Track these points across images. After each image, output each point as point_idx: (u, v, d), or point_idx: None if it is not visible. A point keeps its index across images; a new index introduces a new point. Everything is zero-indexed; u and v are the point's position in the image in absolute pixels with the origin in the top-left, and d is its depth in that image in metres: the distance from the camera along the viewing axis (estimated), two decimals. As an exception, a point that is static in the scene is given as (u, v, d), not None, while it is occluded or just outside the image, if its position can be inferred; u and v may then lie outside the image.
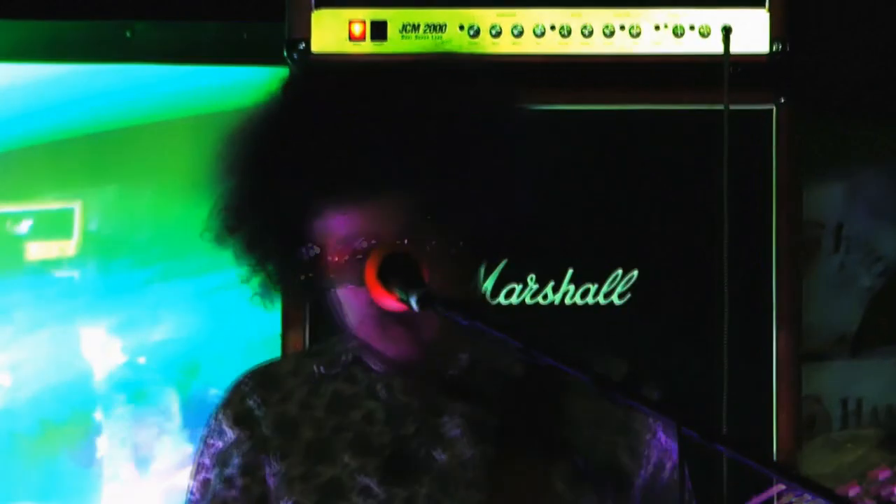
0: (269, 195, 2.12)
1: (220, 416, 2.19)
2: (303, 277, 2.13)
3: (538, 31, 3.18)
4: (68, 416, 3.46)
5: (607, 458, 2.15)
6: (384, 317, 2.06)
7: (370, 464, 2.09)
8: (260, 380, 2.19)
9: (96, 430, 3.47)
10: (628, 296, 3.19)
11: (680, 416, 1.87)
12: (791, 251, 3.21)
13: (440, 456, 2.10)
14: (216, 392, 2.46)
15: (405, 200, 2.08)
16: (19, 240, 3.49)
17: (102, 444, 3.46)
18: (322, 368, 2.17)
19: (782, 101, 3.20)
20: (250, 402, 2.16)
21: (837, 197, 3.74)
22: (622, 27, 3.19)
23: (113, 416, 3.47)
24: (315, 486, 2.09)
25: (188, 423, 3.44)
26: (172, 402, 3.46)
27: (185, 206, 2.58)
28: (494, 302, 3.17)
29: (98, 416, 3.47)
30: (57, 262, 3.50)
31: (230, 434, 2.16)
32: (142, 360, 3.48)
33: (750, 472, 1.91)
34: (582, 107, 3.22)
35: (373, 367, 2.15)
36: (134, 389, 3.49)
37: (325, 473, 2.09)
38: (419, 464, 2.09)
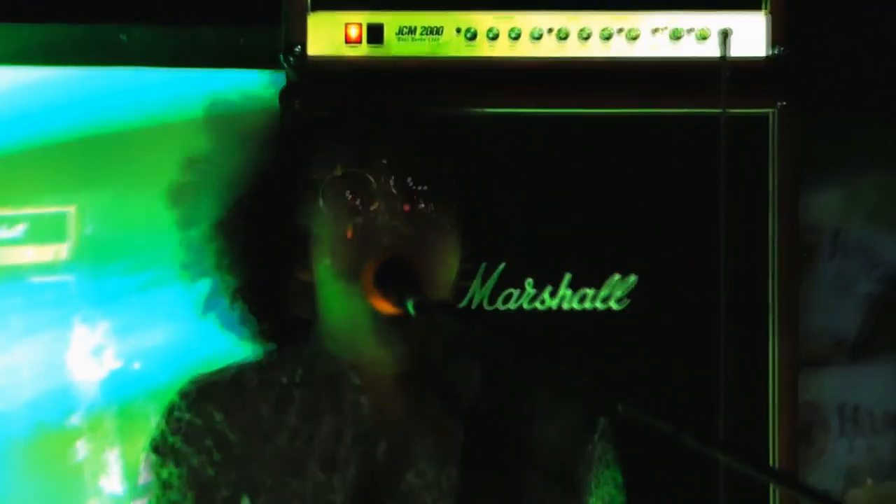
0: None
1: (182, 426, 2.12)
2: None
3: (535, 35, 3.18)
4: (61, 422, 3.45)
5: (564, 467, 2.17)
6: (384, 322, 2.07)
7: (338, 481, 2.08)
8: (223, 391, 2.14)
9: (89, 436, 3.48)
10: (626, 301, 3.20)
11: (677, 422, 1.86)
12: (789, 255, 3.22)
13: (408, 477, 2.10)
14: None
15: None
16: (14, 243, 3.49)
17: (96, 450, 3.47)
18: (285, 379, 2.15)
19: (781, 104, 3.20)
20: (215, 416, 2.11)
21: (834, 202, 3.74)
22: (620, 30, 3.19)
23: (106, 421, 3.47)
24: (282, 497, 2.08)
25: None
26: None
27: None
28: (492, 307, 3.17)
29: (92, 421, 3.48)
30: (52, 267, 3.50)
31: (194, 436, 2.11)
32: (137, 365, 3.48)
33: (747, 479, 1.91)
34: (579, 111, 3.21)
35: (346, 380, 2.13)
36: (128, 395, 3.49)
37: (292, 485, 2.08)
38: (388, 485, 2.09)
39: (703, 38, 3.19)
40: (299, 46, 3.12)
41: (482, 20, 3.17)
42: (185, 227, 2.22)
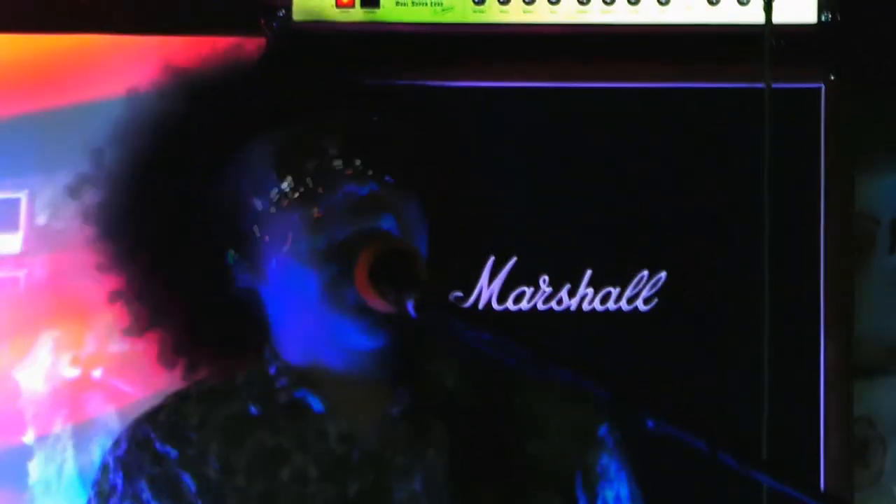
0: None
1: (130, 478, 2.06)
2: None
3: (553, -3, 3.17)
4: (7, 437, 3.42)
5: (568, 488, 2.13)
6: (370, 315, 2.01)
7: None
8: (168, 431, 2.07)
9: (39, 453, 3.45)
10: (655, 301, 3.20)
11: (714, 438, 1.83)
12: (842, 249, 3.21)
13: None
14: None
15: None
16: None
17: (47, 470, 3.44)
18: (254, 409, 2.08)
19: (832, 78, 3.20)
20: (164, 459, 2.05)
21: (894, 188, 3.72)
22: (649, -9, 3.17)
23: (60, 438, 3.45)
24: None
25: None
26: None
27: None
28: (501, 307, 3.16)
29: (43, 437, 3.45)
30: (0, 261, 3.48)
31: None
32: (97, 373, 3.45)
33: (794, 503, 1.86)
34: (602, 84, 3.22)
35: (307, 405, 2.06)
36: (86, 407, 3.46)
37: None
38: None
39: (744, 1, 3.16)
40: (283, 10, 3.12)
41: (492, -18, 3.16)
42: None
